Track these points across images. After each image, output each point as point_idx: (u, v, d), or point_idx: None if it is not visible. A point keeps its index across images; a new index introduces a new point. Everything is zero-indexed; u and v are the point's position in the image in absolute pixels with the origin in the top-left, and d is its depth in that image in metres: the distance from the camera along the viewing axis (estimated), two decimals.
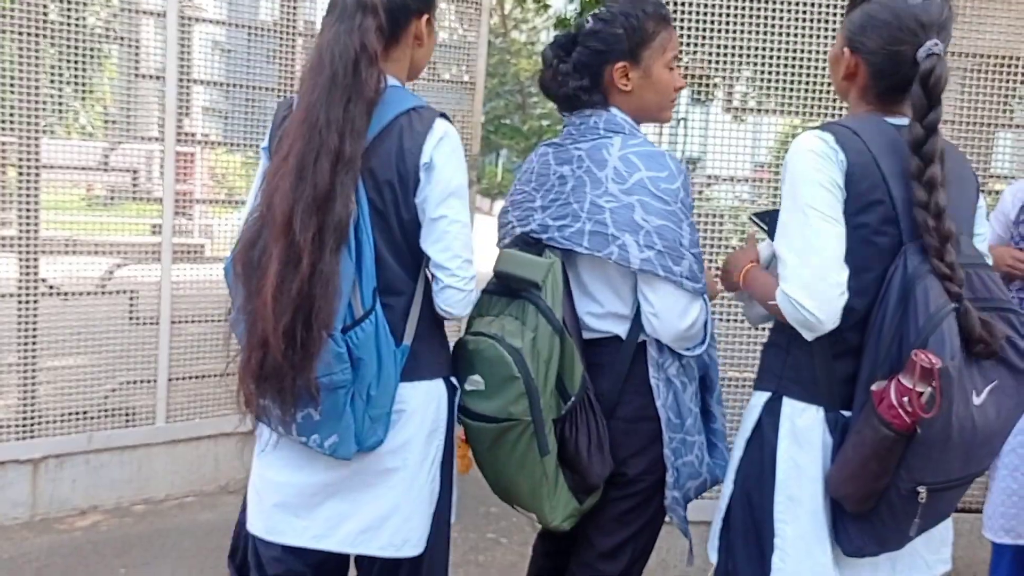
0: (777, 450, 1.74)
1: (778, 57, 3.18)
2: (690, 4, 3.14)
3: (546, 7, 9.92)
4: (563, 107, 2.07)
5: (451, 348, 1.96)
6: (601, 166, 1.94)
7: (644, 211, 1.88)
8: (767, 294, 1.73)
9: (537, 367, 1.83)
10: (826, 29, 3.18)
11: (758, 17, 3.15)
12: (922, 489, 1.58)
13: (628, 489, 2.01)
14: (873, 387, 1.57)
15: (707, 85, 3.22)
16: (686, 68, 3.15)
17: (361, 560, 1.86)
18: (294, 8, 4.15)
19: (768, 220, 1.90)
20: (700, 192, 3.38)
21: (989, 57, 3.31)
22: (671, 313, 1.91)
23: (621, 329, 1.99)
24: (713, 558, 1.89)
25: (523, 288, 1.91)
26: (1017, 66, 3.32)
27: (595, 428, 1.93)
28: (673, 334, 1.94)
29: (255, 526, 1.88)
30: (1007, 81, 3.34)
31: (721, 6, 3.14)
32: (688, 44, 3.15)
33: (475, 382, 1.87)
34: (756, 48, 3.17)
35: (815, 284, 1.61)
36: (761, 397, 1.82)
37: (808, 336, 1.66)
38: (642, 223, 1.88)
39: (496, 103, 22.34)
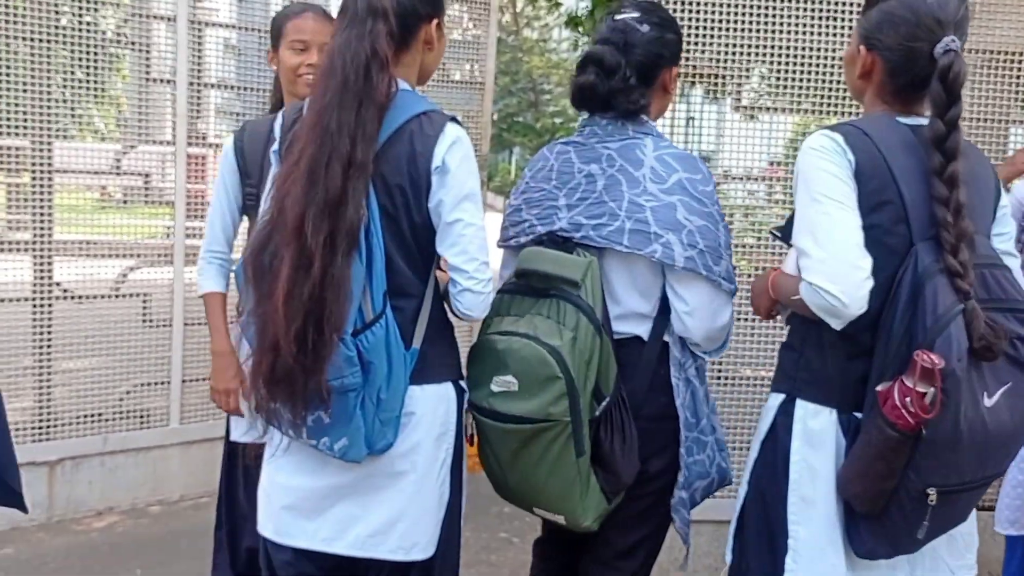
0: (790, 451, 1.74)
1: (789, 55, 3.17)
2: (699, 2, 3.13)
3: (558, 4, 9.91)
4: (597, 109, 2.03)
5: (464, 349, 1.95)
6: (637, 166, 1.94)
7: (686, 211, 1.90)
8: (791, 291, 1.72)
9: (578, 367, 1.81)
10: (835, 27, 3.16)
11: (768, 15, 3.14)
12: (931, 491, 1.58)
13: (647, 487, 2.01)
14: (878, 387, 1.57)
15: (716, 84, 3.21)
16: (694, 68, 3.14)
17: (370, 564, 1.87)
18: None
19: (786, 232, 1.87)
20: None
21: (999, 53, 3.29)
22: (705, 312, 1.95)
23: (642, 330, 2.00)
24: (728, 558, 1.90)
25: (554, 287, 1.90)
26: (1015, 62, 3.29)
27: (628, 428, 1.93)
28: (705, 333, 1.97)
29: (265, 528, 1.89)
30: (1018, 77, 3.32)
31: (730, 4, 3.13)
32: (697, 43, 3.14)
33: (506, 383, 1.84)
34: (767, 46, 3.16)
35: (837, 268, 1.59)
36: (776, 399, 1.81)
37: (836, 325, 1.63)
38: (684, 222, 1.89)
39: (509, 101, 22.41)
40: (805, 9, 3.15)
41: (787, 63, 3.18)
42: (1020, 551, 2.89)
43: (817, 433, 1.72)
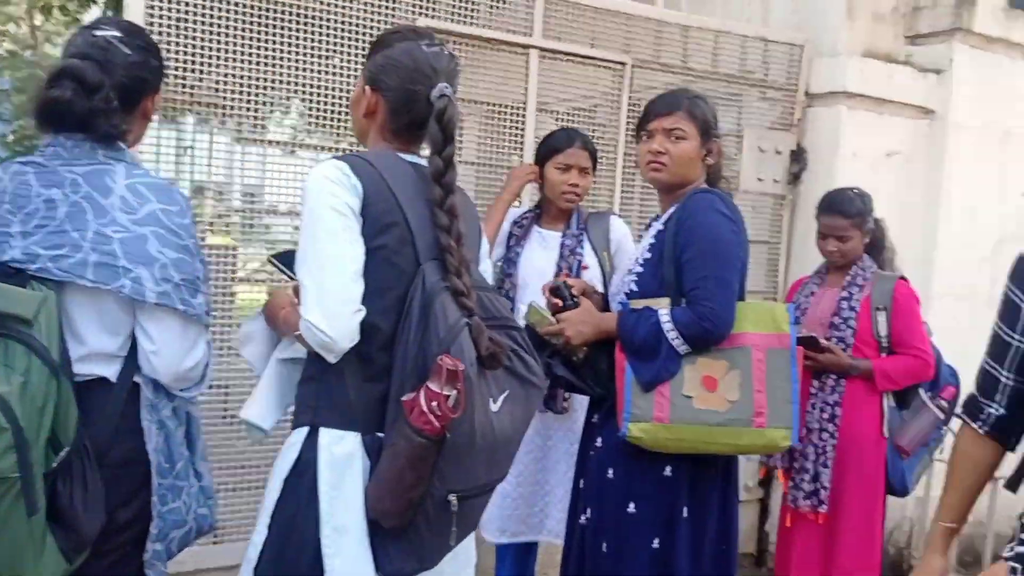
0: (318, 483, 1.73)
1: (323, 94, 3.19)
2: (200, 30, 2.99)
3: (76, 20, 9.15)
4: (70, 128, 1.84)
5: None
6: (105, 194, 1.80)
7: (160, 243, 1.80)
8: (294, 326, 1.76)
9: (29, 415, 1.63)
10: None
11: (278, 49, 3.11)
12: (453, 497, 1.68)
13: (115, 540, 1.86)
14: (404, 398, 1.64)
15: (216, 114, 3.12)
16: (191, 96, 3.02)
17: None
18: None
19: (287, 260, 1.93)
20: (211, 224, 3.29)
21: (482, 104, 3.63)
22: (174, 351, 1.85)
23: (109, 371, 1.86)
24: None
25: (1, 325, 1.67)
26: (505, 112, 3.63)
27: (91, 479, 1.77)
28: (175, 373, 1.87)
29: None
30: (504, 124, 3.62)
31: (232, 33, 3.03)
32: (196, 71, 2.99)
33: None
34: (273, 79, 3.13)
35: (327, 304, 1.68)
36: (300, 433, 1.80)
37: (330, 358, 1.71)
38: (157, 255, 1.80)
39: (27, 121, 20.14)
40: (328, 48, 3.17)
41: (322, 101, 3.20)
42: (511, 556, 3.16)
43: (343, 459, 1.73)
